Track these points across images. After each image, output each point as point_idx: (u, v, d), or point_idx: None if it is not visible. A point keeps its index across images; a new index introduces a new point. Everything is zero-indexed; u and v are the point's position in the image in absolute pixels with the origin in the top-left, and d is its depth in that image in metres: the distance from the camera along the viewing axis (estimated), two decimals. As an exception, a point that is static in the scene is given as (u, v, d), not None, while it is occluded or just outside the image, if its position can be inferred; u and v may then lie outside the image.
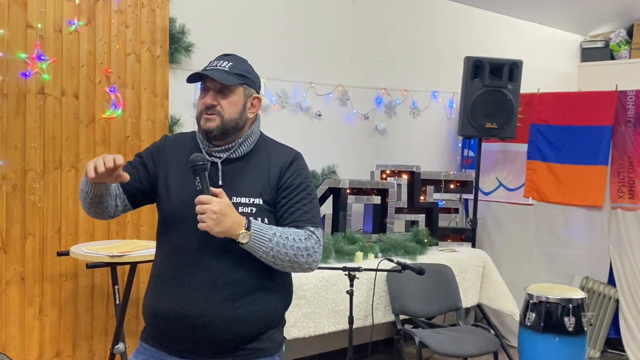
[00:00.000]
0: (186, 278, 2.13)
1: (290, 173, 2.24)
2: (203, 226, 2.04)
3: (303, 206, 2.21)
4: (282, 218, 2.20)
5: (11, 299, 3.65)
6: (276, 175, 2.22)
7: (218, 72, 2.18)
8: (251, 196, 2.18)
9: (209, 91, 2.19)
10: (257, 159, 2.26)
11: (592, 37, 7.22)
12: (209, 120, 2.18)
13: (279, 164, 2.25)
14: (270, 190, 2.20)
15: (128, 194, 2.27)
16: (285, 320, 2.34)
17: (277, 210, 2.21)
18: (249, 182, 2.20)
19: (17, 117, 3.62)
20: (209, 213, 2.02)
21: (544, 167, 5.41)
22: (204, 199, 2.05)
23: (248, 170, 2.22)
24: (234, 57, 2.27)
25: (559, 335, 4.05)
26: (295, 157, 2.30)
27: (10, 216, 3.62)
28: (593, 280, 5.19)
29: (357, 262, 4.19)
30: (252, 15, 4.62)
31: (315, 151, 4.94)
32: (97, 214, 2.24)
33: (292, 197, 2.21)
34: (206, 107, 2.18)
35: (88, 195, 2.16)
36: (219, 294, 2.11)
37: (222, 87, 2.18)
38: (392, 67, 5.46)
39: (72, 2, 3.77)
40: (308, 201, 2.24)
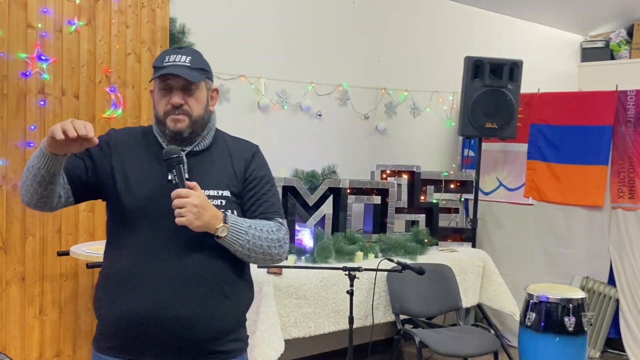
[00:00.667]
0: (158, 277, 2.02)
1: (255, 165, 2.23)
2: (182, 220, 1.96)
3: (270, 198, 2.22)
4: (250, 210, 2.18)
5: (11, 299, 3.65)
6: (242, 167, 2.19)
7: (183, 70, 2.08)
8: (219, 188, 2.13)
9: (173, 90, 2.09)
10: (218, 152, 2.19)
11: (592, 37, 7.21)
12: (178, 122, 2.09)
13: (243, 156, 2.22)
14: (237, 182, 2.17)
15: (73, 185, 2.10)
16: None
17: (245, 202, 2.18)
18: (215, 174, 2.15)
19: (18, 117, 3.62)
20: (190, 207, 1.96)
21: (544, 167, 5.41)
22: (183, 192, 1.97)
23: (212, 162, 2.16)
24: (189, 50, 2.18)
25: (559, 335, 4.05)
26: (257, 150, 2.29)
27: (11, 216, 3.62)
28: (593, 280, 5.19)
29: (357, 262, 4.19)
30: (253, 15, 4.62)
31: (315, 151, 4.94)
32: (40, 200, 2.04)
33: (258, 189, 2.20)
34: (173, 106, 2.08)
35: (40, 170, 1.95)
36: (196, 291, 2.04)
37: (187, 85, 2.09)
38: (392, 67, 5.46)
39: (72, 2, 3.77)
40: (273, 193, 2.24)
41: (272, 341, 3.60)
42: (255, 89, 4.62)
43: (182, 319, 2.02)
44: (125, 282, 2.05)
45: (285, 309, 3.77)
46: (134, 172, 2.10)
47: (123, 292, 2.04)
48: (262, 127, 4.67)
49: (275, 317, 3.67)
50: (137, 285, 2.03)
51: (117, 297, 2.05)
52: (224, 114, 4.41)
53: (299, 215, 4.29)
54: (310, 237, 4.28)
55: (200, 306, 2.05)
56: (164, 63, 2.11)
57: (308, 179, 4.41)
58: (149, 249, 2.05)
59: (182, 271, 2.04)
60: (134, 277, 2.04)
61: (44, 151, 1.94)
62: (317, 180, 4.43)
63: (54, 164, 1.96)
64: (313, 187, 4.38)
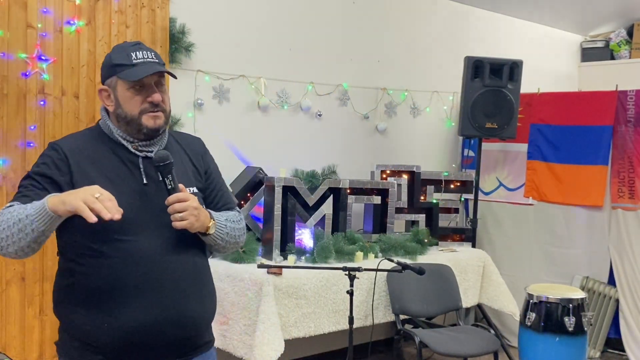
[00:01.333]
0: (154, 283, 1.99)
1: (208, 158, 2.28)
2: (184, 224, 1.97)
3: (227, 189, 2.31)
4: (214, 202, 2.23)
5: (11, 299, 3.65)
6: (200, 162, 2.23)
7: (161, 67, 2.07)
8: (189, 185, 2.12)
9: (146, 87, 2.04)
10: (175, 149, 2.16)
11: (592, 37, 7.21)
12: (157, 118, 2.06)
13: (196, 150, 2.24)
14: (200, 177, 2.21)
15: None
16: None
17: (207, 195, 2.22)
18: (182, 172, 2.14)
19: (17, 117, 3.62)
20: (190, 210, 1.97)
21: (544, 167, 5.41)
22: (182, 196, 1.97)
23: (176, 162, 2.09)
24: (146, 47, 2.12)
25: (559, 335, 4.05)
26: (202, 142, 2.32)
27: (11, 216, 3.62)
28: (593, 280, 5.19)
29: (357, 262, 4.19)
30: (252, 15, 4.62)
31: (315, 151, 4.94)
32: (28, 252, 1.95)
33: (217, 182, 2.27)
34: (153, 104, 2.04)
35: (39, 228, 1.87)
36: (192, 290, 2.08)
37: (158, 82, 2.07)
38: (392, 67, 5.46)
39: (72, 2, 3.77)
40: (224, 182, 2.32)
41: (272, 341, 3.60)
42: (255, 89, 4.62)
43: (181, 321, 2.05)
44: (117, 295, 1.98)
45: (285, 309, 3.77)
46: (103, 182, 1.97)
47: (116, 305, 1.98)
48: (262, 127, 4.67)
49: (275, 317, 3.66)
50: (134, 294, 1.98)
51: (109, 311, 1.98)
52: (223, 114, 4.43)
53: (299, 215, 4.29)
54: (310, 237, 4.28)
55: (199, 304, 2.10)
56: (132, 60, 2.05)
57: (308, 179, 4.41)
58: (140, 256, 1.99)
59: (177, 273, 2.05)
60: (128, 286, 1.98)
61: (48, 213, 1.86)
62: (317, 180, 4.43)
63: (56, 222, 1.92)
64: (313, 187, 4.38)
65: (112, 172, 2.03)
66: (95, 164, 2.03)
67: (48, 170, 2.01)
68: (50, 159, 2.02)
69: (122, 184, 2.02)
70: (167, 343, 2.04)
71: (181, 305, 2.04)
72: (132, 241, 1.99)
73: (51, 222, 1.88)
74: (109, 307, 1.98)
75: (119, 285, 1.98)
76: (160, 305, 2.01)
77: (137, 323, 1.98)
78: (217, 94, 4.42)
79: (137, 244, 2.00)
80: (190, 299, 2.07)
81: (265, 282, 3.68)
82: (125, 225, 1.96)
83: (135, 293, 1.99)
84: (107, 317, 1.98)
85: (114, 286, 1.98)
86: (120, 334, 1.98)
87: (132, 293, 1.99)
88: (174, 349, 2.07)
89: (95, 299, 2.00)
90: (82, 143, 2.07)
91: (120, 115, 2.07)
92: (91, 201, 1.80)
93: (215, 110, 4.38)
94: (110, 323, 1.98)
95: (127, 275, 1.99)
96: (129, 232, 1.99)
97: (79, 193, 1.84)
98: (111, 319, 1.98)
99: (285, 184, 4.20)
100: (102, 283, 1.99)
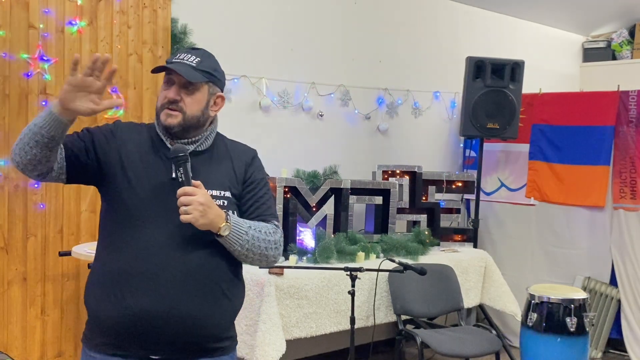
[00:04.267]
0: (162, 274, 2.03)
1: (254, 168, 2.26)
2: (188, 218, 1.98)
3: (267, 201, 2.26)
4: (249, 212, 2.21)
5: (13, 299, 3.65)
6: (242, 169, 2.23)
7: (185, 67, 2.11)
8: (221, 189, 2.15)
9: (173, 85, 2.12)
10: (219, 154, 2.22)
11: (594, 38, 7.21)
12: (170, 116, 2.11)
13: (242, 159, 2.25)
14: (237, 184, 2.20)
15: (69, 162, 2.06)
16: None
17: (243, 204, 2.21)
18: (217, 175, 2.17)
19: (20, 118, 3.63)
20: (195, 205, 1.98)
21: (545, 168, 5.41)
22: (189, 190, 2.00)
23: (214, 163, 2.18)
24: (201, 52, 2.21)
25: (561, 336, 4.04)
26: (255, 154, 2.32)
27: (12, 216, 3.62)
28: (595, 280, 5.19)
29: (358, 262, 4.19)
30: (254, 15, 4.62)
31: (316, 151, 4.94)
32: (30, 162, 1.97)
33: (257, 192, 2.23)
34: (169, 101, 2.11)
35: (41, 130, 1.92)
36: (198, 289, 2.07)
37: (187, 83, 2.11)
38: (393, 67, 5.46)
39: (74, 2, 3.77)
40: (269, 196, 2.28)
41: (274, 341, 3.60)
42: (256, 89, 4.62)
43: (184, 317, 2.04)
44: (128, 279, 2.04)
45: (287, 309, 3.77)
46: (137, 167, 2.10)
47: (126, 289, 2.03)
48: (264, 127, 4.67)
49: (277, 317, 3.67)
50: (142, 281, 2.03)
51: (120, 293, 2.04)
52: (225, 114, 4.40)
53: (300, 215, 4.29)
54: (312, 238, 4.28)
55: (202, 304, 2.07)
56: (173, 59, 2.15)
57: (309, 179, 4.41)
58: (151, 246, 2.05)
59: (184, 269, 2.05)
60: (136, 273, 2.04)
61: (51, 112, 1.92)
62: (318, 181, 4.43)
63: (58, 127, 1.93)
64: (314, 188, 4.38)
65: (145, 161, 2.12)
66: (135, 149, 2.13)
67: (97, 130, 2.16)
68: (107, 126, 2.18)
69: (151, 174, 2.10)
70: (167, 337, 2.04)
71: (184, 302, 2.04)
72: (149, 230, 2.06)
73: (51, 120, 1.93)
74: (117, 291, 2.04)
75: (128, 271, 2.04)
76: (162, 298, 2.02)
77: (138, 311, 2.02)
78: (218, 94, 4.41)
79: (151, 233, 2.05)
80: (196, 299, 2.06)
81: (266, 283, 3.69)
82: (146, 214, 2.06)
83: (140, 281, 2.03)
84: (115, 300, 2.04)
85: (124, 271, 2.05)
86: (122, 318, 2.03)
87: (138, 281, 2.03)
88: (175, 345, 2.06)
89: (108, 283, 2.07)
90: (136, 130, 2.20)
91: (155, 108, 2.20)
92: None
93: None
94: (117, 306, 2.04)
95: (137, 262, 2.04)
96: (148, 221, 2.06)
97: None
98: (118, 302, 2.04)
99: (286, 184, 4.20)
100: (116, 266, 2.07)
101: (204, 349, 2.12)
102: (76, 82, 1.88)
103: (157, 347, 2.06)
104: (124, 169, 2.09)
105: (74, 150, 2.07)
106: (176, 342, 2.06)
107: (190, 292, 2.05)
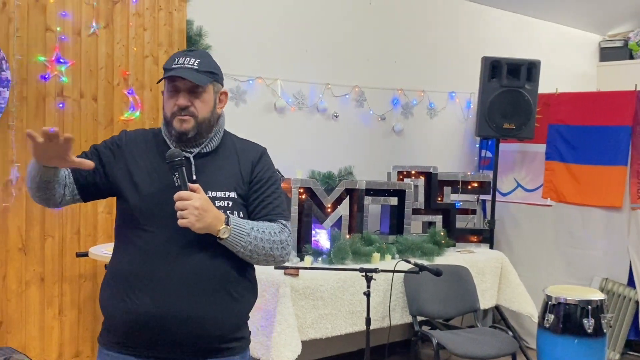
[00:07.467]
0: (164, 276, 2.06)
1: (261, 167, 2.25)
2: (184, 222, 2.00)
3: (274, 200, 2.24)
4: (255, 211, 2.21)
5: (31, 300, 3.69)
6: (248, 169, 2.22)
7: (190, 72, 2.13)
8: (226, 190, 2.16)
9: (180, 91, 2.14)
10: (226, 154, 2.23)
11: (610, 37, 7.15)
12: (184, 122, 2.13)
13: (249, 158, 2.25)
14: (243, 184, 2.20)
15: (79, 185, 2.16)
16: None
17: (250, 203, 2.21)
18: (222, 176, 2.18)
19: (37, 120, 3.66)
20: (191, 209, 1.99)
21: (562, 168, 5.38)
22: (185, 194, 2.01)
23: (219, 164, 2.20)
24: (198, 53, 2.22)
25: (578, 337, 4.02)
26: (263, 152, 2.31)
27: (30, 217, 3.66)
28: (612, 281, 5.15)
29: (374, 263, 4.18)
30: (268, 16, 4.63)
31: (331, 152, 4.94)
32: (42, 199, 2.13)
33: (263, 191, 2.22)
34: (180, 108, 2.14)
35: (35, 178, 2.05)
36: (203, 290, 2.08)
37: (194, 87, 2.13)
38: (408, 68, 5.45)
39: (90, 5, 3.80)
40: (278, 195, 2.27)
41: (289, 342, 3.60)
42: (271, 91, 4.63)
43: (189, 318, 2.06)
44: (133, 280, 2.08)
45: (302, 310, 3.78)
46: (141, 173, 2.14)
47: (131, 290, 2.07)
48: (279, 128, 4.68)
49: (292, 318, 3.67)
50: (145, 283, 2.06)
51: (125, 294, 2.08)
52: (240, 115, 4.44)
53: (315, 216, 4.29)
54: (327, 239, 4.28)
55: (208, 305, 2.09)
56: (172, 65, 2.16)
57: (324, 180, 4.41)
58: (156, 249, 2.08)
59: (188, 270, 2.07)
60: (142, 275, 2.07)
61: (35, 163, 2.02)
62: (333, 182, 4.43)
63: (45, 172, 2.04)
64: (330, 189, 4.38)
65: (152, 166, 2.16)
66: (141, 155, 2.18)
67: (103, 145, 2.22)
68: (113, 139, 2.24)
69: (157, 178, 2.13)
70: (172, 338, 2.07)
71: (188, 304, 2.06)
72: (155, 233, 2.09)
73: (38, 168, 2.03)
74: (125, 292, 2.08)
75: (135, 273, 2.09)
76: (167, 300, 2.05)
77: (144, 313, 2.05)
78: (233, 96, 4.43)
79: (159, 237, 2.08)
80: (201, 300, 2.07)
81: (282, 283, 3.69)
82: (152, 218, 2.10)
83: (146, 283, 2.06)
84: (123, 301, 2.08)
85: (131, 273, 2.09)
86: (130, 319, 2.07)
87: (144, 283, 2.07)
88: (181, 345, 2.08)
89: (117, 284, 2.12)
90: (142, 136, 2.25)
91: (163, 116, 2.23)
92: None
93: (232, 112, 4.40)
94: (124, 307, 2.08)
95: (143, 264, 2.08)
96: (154, 224, 2.10)
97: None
98: (125, 303, 2.08)
99: (301, 185, 4.21)
100: (124, 268, 2.12)
101: (211, 349, 2.13)
102: (37, 148, 1.93)
103: (164, 348, 2.08)
104: (131, 176, 2.14)
105: (81, 172, 2.13)
106: (183, 343, 2.08)
107: (194, 294, 2.07)
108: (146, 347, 2.09)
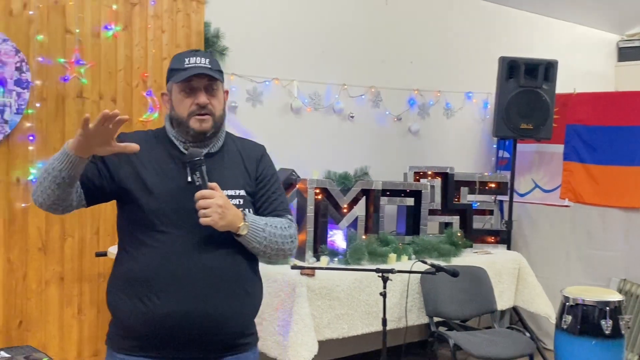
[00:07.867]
0: (186, 275, 2.07)
1: (264, 165, 2.31)
2: (207, 221, 2.02)
3: (279, 196, 2.31)
4: (262, 208, 2.26)
5: (50, 299, 3.73)
6: (253, 167, 2.27)
7: (209, 71, 2.16)
8: (236, 188, 2.20)
9: (196, 90, 2.15)
10: (230, 153, 2.27)
11: (629, 36, 7.10)
12: (203, 121, 2.15)
13: (253, 156, 2.30)
14: (250, 181, 2.25)
15: (86, 189, 2.13)
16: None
17: (257, 200, 2.26)
18: (231, 175, 2.22)
19: (57, 120, 3.70)
20: (214, 207, 2.02)
21: (580, 168, 5.34)
22: (207, 193, 2.04)
23: (227, 163, 2.23)
24: (204, 53, 2.24)
25: (596, 339, 3.99)
26: (264, 150, 2.37)
27: (50, 217, 3.70)
28: (631, 282, 5.11)
29: (390, 263, 4.18)
30: (285, 18, 4.65)
31: (347, 153, 4.95)
32: (55, 202, 2.05)
33: (269, 188, 2.28)
34: (199, 106, 2.14)
35: (61, 173, 1.97)
36: (222, 288, 2.11)
37: (209, 86, 2.16)
38: (425, 68, 5.44)
39: (109, 7, 3.84)
40: (281, 191, 2.33)
41: (306, 342, 3.61)
42: (287, 92, 4.65)
43: (211, 316, 2.09)
44: (151, 283, 2.08)
45: (319, 310, 3.78)
46: (151, 174, 2.14)
47: (151, 292, 2.07)
48: (295, 129, 4.69)
49: (309, 318, 3.68)
50: (164, 285, 2.07)
51: (145, 297, 2.08)
52: (257, 116, 4.47)
53: (331, 216, 4.30)
54: (343, 239, 4.29)
55: (227, 303, 2.12)
56: (185, 65, 2.16)
57: (341, 181, 4.41)
58: (173, 249, 2.09)
59: (207, 269, 2.10)
60: (160, 277, 2.08)
61: (67, 153, 1.96)
62: (349, 182, 4.44)
63: (76, 166, 1.99)
64: (346, 189, 4.39)
65: (160, 167, 2.16)
66: (147, 156, 2.16)
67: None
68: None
69: (167, 179, 2.14)
70: (195, 336, 2.09)
71: (210, 302, 2.08)
72: (171, 234, 2.10)
73: (68, 162, 1.96)
74: (144, 295, 2.08)
75: (154, 275, 2.08)
76: (190, 299, 2.06)
77: (167, 313, 2.06)
78: (250, 97, 4.46)
79: (175, 237, 2.09)
80: (222, 297, 2.10)
81: (298, 283, 3.70)
82: (167, 219, 2.10)
83: (167, 284, 2.07)
84: (142, 304, 2.08)
85: (150, 275, 2.09)
86: (152, 322, 2.07)
87: (165, 284, 2.07)
88: (203, 344, 2.11)
89: (134, 286, 2.10)
90: (143, 138, 2.20)
91: (174, 117, 2.21)
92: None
93: (249, 113, 4.42)
94: (144, 310, 2.07)
95: (162, 266, 2.08)
96: (169, 225, 2.10)
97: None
98: (145, 306, 2.07)
99: (318, 186, 4.22)
100: (140, 271, 2.11)
101: (230, 346, 2.17)
102: (88, 135, 1.92)
103: (184, 347, 2.10)
104: (140, 177, 2.14)
105: (89, 176, 2.13)
106: (203, 341, 2.10)
107: (214, 292, 2.09)
108: (169, 348, 2.10)
